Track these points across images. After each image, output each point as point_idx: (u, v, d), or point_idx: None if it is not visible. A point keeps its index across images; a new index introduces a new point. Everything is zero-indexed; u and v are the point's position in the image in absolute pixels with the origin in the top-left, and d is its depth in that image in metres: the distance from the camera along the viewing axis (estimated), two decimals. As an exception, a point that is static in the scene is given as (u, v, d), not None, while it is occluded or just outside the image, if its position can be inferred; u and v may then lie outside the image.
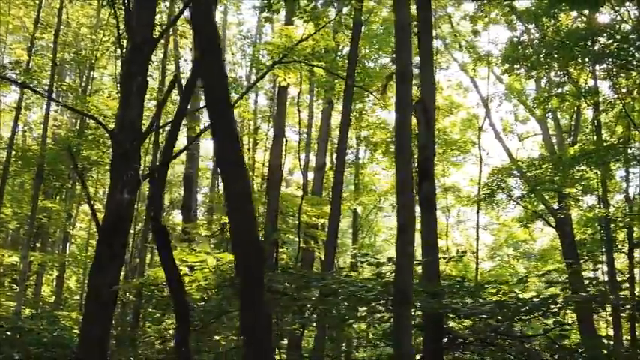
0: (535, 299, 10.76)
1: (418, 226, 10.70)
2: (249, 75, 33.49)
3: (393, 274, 10.71)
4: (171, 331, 23.36)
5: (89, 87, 31.12)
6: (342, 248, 32.53)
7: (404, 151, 8.52)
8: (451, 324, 12.02)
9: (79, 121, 31.84)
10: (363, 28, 21.68)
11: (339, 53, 22.80)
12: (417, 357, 11.33)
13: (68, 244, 34.73)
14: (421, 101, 12.65)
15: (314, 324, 15.69)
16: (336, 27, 22.35)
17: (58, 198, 32.85)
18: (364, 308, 11.48)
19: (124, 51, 18.25)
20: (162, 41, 22.93)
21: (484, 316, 10.79)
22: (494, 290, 12.43)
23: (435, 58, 33.16)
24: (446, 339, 11.69)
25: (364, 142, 34.92)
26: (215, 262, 12.53)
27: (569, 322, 12.78)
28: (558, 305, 10.68)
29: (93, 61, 29.35)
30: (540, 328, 11.52)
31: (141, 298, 21.66)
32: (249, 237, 8.26)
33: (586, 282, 14.62)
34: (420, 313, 11.66)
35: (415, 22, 12.72)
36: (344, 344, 15.59)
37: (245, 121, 33.31)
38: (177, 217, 37.67)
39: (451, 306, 10.80)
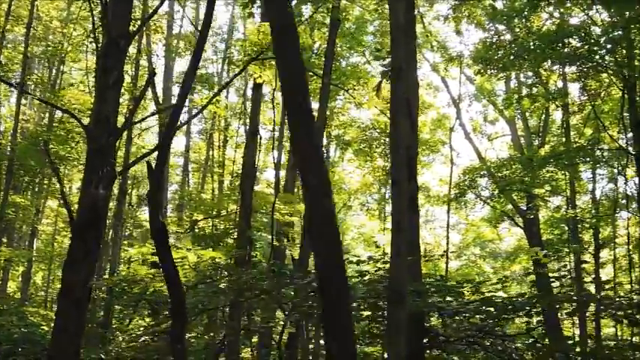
0: (520, 299, 10.83)
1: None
2: (221, 72, 33.40)
3: (379, 273, 10.74)
4: (142, 329, 23.27)
5: (59, 81, 30.73)
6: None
7: (399, 150, 8.49)
8: (433, 322, 12.06)
9: (47, 116, 31.44)
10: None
11: (315, 51, 22.74)
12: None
13: (35, 240, 34.27)
14: (404, 97, 12.65)
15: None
16: (313, 24, 22.30)
17: (26, 193, 32.41)
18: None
19: (99, 45, 17.98)
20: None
21: (468, 315, 10.82)
22: (473, 289, 12.51)
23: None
24: (427, 338, 11.74)
25: (335, 140, 34.94)
26: (196, 259, 12.43)
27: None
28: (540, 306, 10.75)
29: (63, 55, 28.95)
30: (523, 327, 11.60)
31: (112, 295, 21.42)
32: (332, 261, 8.54)
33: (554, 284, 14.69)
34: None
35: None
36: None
37: (217, 117, 33.11)
38: (146, 213, 37.33)
39: (437, 305, 10.82)
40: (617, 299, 11.94)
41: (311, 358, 23.48)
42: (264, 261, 21.90)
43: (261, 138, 23.52)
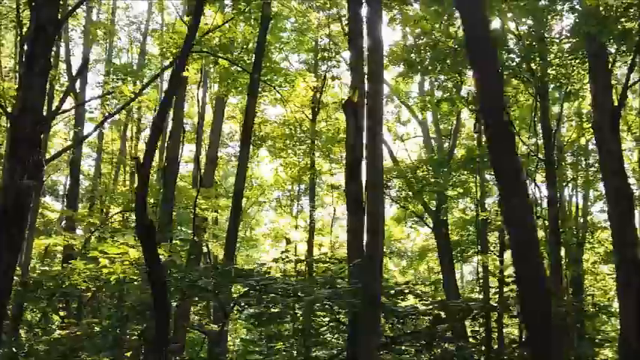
0: (471, 303, 11.09)
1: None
2: (140, 62, 32.72)
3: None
4: (56, 323, 22.70)
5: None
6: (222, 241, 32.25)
7: (375, 151, 8.58)
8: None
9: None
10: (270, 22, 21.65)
11: (245, 47, 22.62)
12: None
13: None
14: (351, 102, 12.78)
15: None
16: (245, 19, 22.15)
17: None
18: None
19: (24, 30, 17.41)
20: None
21: (414, 317, 11.01)
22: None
23: (325, 55, 33.66)
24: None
25: (241, 135, 34.74)
26: (138, 255, 12.20)
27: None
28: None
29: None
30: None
31: (26, 289, 20.77)
32: (536, 286, 8.57)
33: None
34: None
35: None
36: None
37: (133, 110, 32.44)
38: (50, 204, 36.28)
39: (391, 307, 10.97)
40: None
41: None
42: (184, 256, 21.65)
43: (184, 132, 23.21)
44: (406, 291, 12.01)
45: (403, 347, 11.57)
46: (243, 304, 12.88)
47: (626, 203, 17.15)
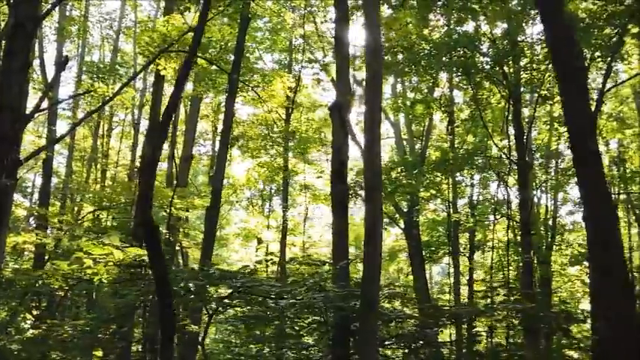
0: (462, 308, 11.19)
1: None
2: (114, 58, 32.46)
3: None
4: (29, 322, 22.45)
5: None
6: (195, 240, 32.17)
7: (372, 151, 8.61)
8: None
9: None
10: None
11: (223, 46, 22.52)
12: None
13: None
14: (337, 102, 12.83)
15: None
16: (230, 19, 22.07)
17: None
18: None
19: (3, 27, 17.21)
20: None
21: (401, 320, 11.09)
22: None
23: (298, 56, 33.67)
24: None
25: (221, 135, 34.70)
26: (122, 256, 12.13)
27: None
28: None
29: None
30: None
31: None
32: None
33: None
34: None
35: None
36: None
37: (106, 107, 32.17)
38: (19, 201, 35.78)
39: (381, 311, 11.02)
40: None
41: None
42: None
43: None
44: (395, 294, 12.11)
45: (389, 351, 11.66)
46: (223, 306, 12.89)
47: (599, 207, 17.32)
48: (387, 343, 11.70)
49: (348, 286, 11.81)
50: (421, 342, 11.24)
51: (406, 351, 11.50)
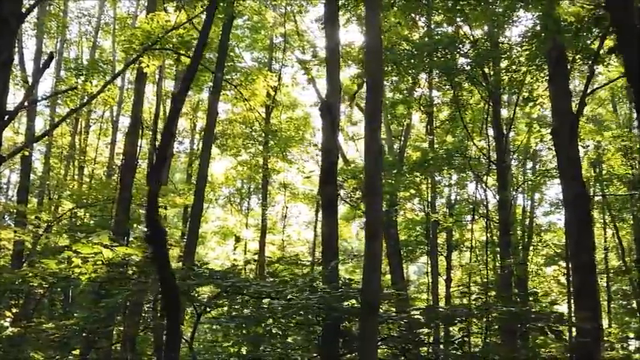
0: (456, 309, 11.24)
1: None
2: (92, 54, 32.22)
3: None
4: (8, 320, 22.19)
5: None
6: (174, 237, 32.06)
7: (372, 150, 8.62)
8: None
9: None
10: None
11: (208, 45, 22.38)
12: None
13: None
14: (326, 102, 12.82)
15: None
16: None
17: None
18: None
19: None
20: None
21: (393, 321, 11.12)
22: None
23: (277, 55, 33.64)
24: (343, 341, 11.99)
25: (199, 133, 34.69)
26: (111, 255, 12.04)
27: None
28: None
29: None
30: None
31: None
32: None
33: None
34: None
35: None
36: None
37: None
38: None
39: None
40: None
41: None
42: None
43: (143, 128, 22.96)
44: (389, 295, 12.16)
45: (379, 350, 11.67)
46: (212, 305, 12.87)
47: (583, 209, 17.59)
48: (379, 343, 11.71)
49: (337, 286, 11.84)
50: (412, 344, 11.27)
51: (397, 352, 11.52)
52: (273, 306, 11.11)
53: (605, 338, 28.29)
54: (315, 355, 12.90)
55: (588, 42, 18.86)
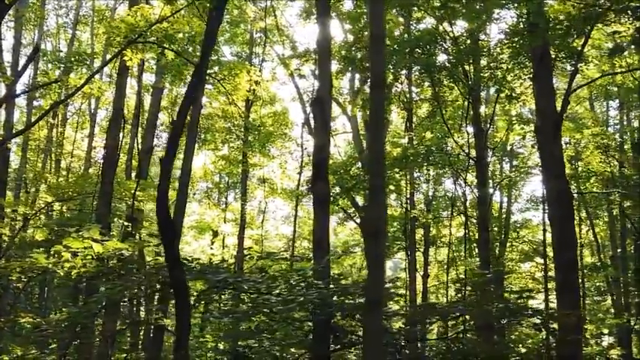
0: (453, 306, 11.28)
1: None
2: (71, 47, 31.89)
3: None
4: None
5: None
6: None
7: (377, 154, 8.61)
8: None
9: None
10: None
11: (191, 39, 22.23)
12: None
13: None
14: (317, 98, 12.79)
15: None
16: (194, 11, 21.79)
17: None
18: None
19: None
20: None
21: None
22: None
23: (256, 50, 33.54)
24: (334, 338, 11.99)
25: (189, 128, 34.46)
26: (102, 249, 11.95)
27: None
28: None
29: None
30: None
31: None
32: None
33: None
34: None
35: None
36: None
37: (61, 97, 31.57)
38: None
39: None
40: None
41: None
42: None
43: (124, 122, 22.79)
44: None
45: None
46: (207, 300, 12.84)
47: (567, 206, 17.75)
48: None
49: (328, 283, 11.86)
50: (407, 340, 11.34)
51: (391, 350, 11.55)
52: (272, 302, 11.08)
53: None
54: (304, 351, 12.92)
55: (570, 40, 18.97)
